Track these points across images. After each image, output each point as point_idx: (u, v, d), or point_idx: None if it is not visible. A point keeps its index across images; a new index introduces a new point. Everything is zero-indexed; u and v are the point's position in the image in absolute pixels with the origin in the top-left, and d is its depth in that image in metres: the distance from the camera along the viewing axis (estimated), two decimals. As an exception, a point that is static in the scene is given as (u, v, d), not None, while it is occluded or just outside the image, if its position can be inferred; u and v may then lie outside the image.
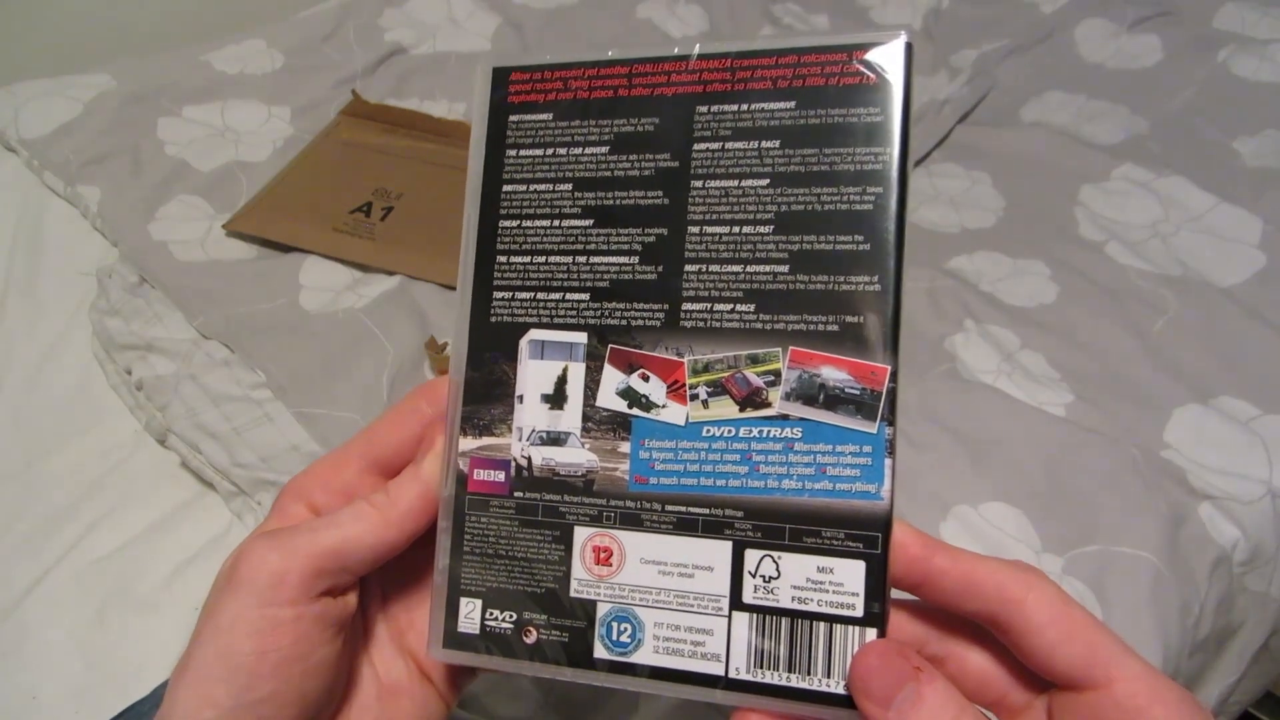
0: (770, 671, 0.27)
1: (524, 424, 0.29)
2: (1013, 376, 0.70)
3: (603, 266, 0.29)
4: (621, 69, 0.29)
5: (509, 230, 0.30)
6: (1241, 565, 0.63)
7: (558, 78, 0.30)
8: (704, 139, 0.29)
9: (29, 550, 0.62)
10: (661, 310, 0.28)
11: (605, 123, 0.29)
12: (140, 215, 0.82)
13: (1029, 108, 0.99)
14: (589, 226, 0.29)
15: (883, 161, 0.27)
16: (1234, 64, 1.00)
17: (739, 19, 1.12)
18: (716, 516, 0.28)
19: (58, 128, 0.90)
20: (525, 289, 0.30)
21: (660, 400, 0.28)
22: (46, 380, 0.73)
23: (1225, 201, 0.84)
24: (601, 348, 0.29)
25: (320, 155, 0.90)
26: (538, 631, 0.29)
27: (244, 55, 1.02)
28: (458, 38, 1.08)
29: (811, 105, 0.28)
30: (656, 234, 0.29)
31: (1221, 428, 0.67)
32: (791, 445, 0.27)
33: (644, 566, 0.28)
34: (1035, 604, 0.25)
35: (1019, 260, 0.81)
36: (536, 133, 0.30)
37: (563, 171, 0.30)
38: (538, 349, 0.29)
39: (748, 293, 0.28)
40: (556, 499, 0.29)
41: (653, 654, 0.28)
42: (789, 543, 0.27)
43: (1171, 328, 0.74)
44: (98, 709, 0.52)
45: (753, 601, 0.27)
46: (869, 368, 0.27)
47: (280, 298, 0.76)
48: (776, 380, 0.27)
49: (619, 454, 0.28)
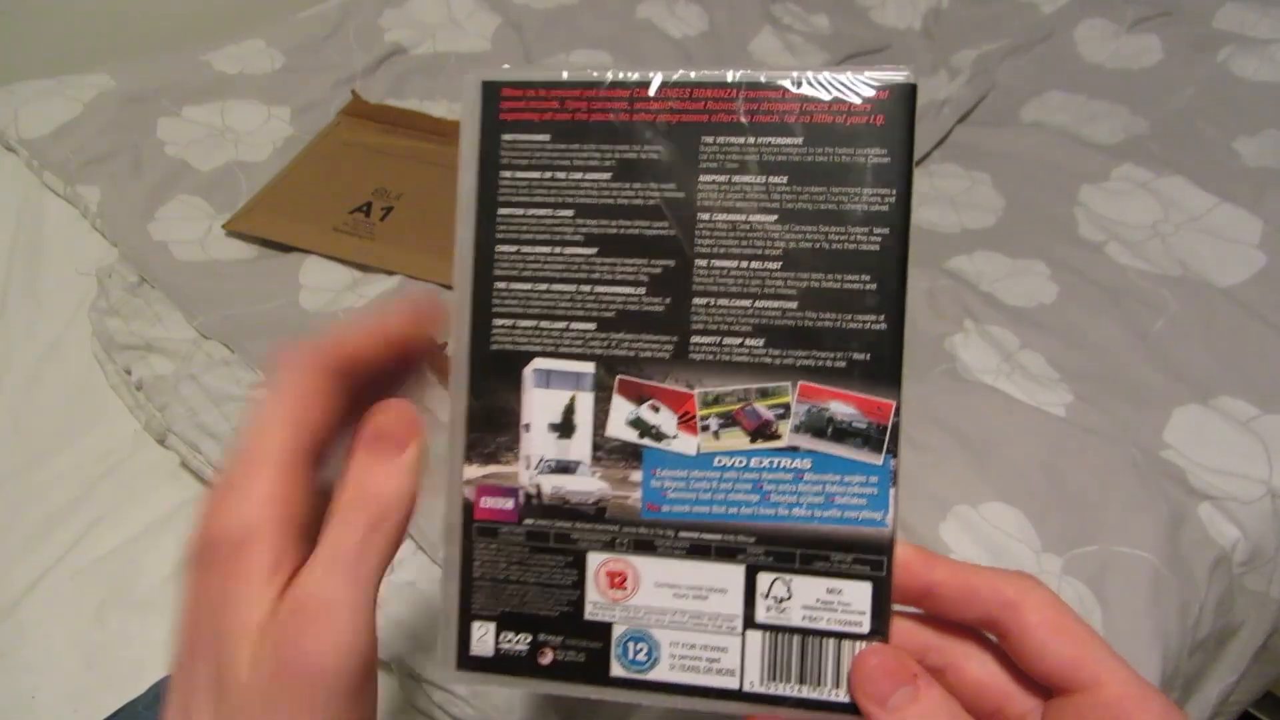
0: (782, 684, 0.28)
1: (532, 452, 0.29)
2: (1012, 376, 0.70)
3: (608, 296, 0.29)
4: (622, 93, 0.29)
5: (507, 255, 0.29)
6: (1241, 565, 0.63)
7: (554, 97, 0.29)
8: (710, 170, 0.28)
9: (28, 550, 0.62)
10: (670, 342, 0.29)
11: (607, 148, 0.29)
12: (140, 215, 0.82)
13: (1029, 108, 0.99)
14: (593, 255, 0.29)
15: (889, 203, 0.28)
16: (1234, 64, 1.00)
17: (739, 19, 1.12)
18: (729, 542, 0.28)
19: (58, 128, 0.90)
20: (527, 317, 0.29)
21: (671, 431, 0.29)
22: (46, 380, 0.73)
23: (1225, 201, 0.84)
24: (609, 378, 0.29)
25: (320, 155, 0.90)
26: (554, 652, 0.29)
27: (244, 55, 1.02)
28: (458, 38, 1.08)
29: (819, 142, 0.28)
30: (663, 265, 0.29)
31: (1221, 428, 0.67)
32: (801, 475, 0.28)
33: (659, 589, 0.29)
34: (1030, 607, 0.27)
35: (1019, 260, 0.81)
36: (533, 154, 0.29)
37: (563, 196, 0.29)
38: (543, 378, 0.29)
39: (757, 327, 0.28)
40: (568, 526, 0.29)
41: (669, 670, 0.29)
42: (800, 566, 0.28)
43: (1171, 328, 0.74)
44: (97, 709, 0.52)
45: (765, 621, 0.28)
46: (875, 403, 0.28)
47: (280, 298, 0.76)
48: (786, 413, 0.28)
49: (630, 482, 0.29)
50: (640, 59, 1.06)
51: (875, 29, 1.13)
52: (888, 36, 1.12)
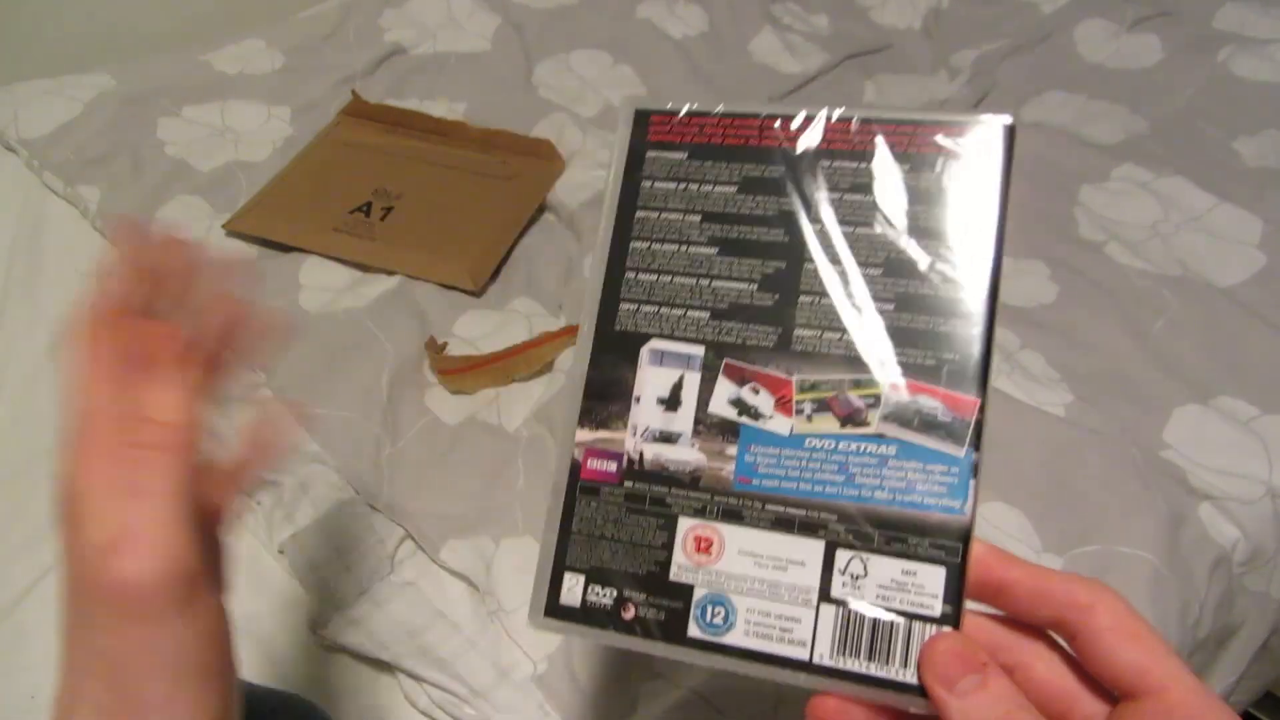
0: (851, 659, 0.29)
1: (639, 422, 0.32)
2: (1012, 376, 0.70)
3: (724, 290, 0.33)
4: (753, 121, 0.33)
5: (639, 250, 0.34)
6: (1241, 565, 0.63)
7: (695, 123, 0.34)
8: (825, 188, 0.32)
9: (28, 550, 0.62)
10: (775, 333, 0.32)
11: (735, 166, 0.33)
12: (140, 215, 0.82)
13: (1029, 108, 0.99)
14: (714, 254, 0.33)
15: (983, 227, 0.31)
16: (1234, 64, 1.00)
17: (739, 19, 1.12)
18: (813, 518, 0.30)
19: (58, 128, 0.90)
20: (650, 303, 0.33)
21: (768, 412, 0.31)
22: (46, 380, 0.73)
23: (1225, 201, 0.84)
24: (717, 361, 0.32)
25: (320, 155, 0.90)
26: (636, 608, 0.31)
27: (244, 55, 1.02)
28: (458, 38, 1.08)
29: (923, 169, 0.32)
30: (775, 267, 0.32)
31: (1221, 428, 0.67)
32: (886, 461, 0.30)
33: (741, 557, 0.31)
34: (1103, 611, 0.27)
35: (1019, 260, 0.81)
36: (671, 168, 0.34)
37: (693, 204, 0.34)
38: (658, 357, 0.33)
39: (855, 325, 0.31)
40: (664, 490, 0.32)
41: (743, 636, 0.30)
42: (878, 546, 0.30)
43: (1171, 328, 0.74)
44: (97, 709, 0.52)
45: (840, 596, 0.30)
46: (960, 399, 0.30)
47: (280, 298, 0.76)
48: (876, 403, 0.31)
49: (726, 456, 0.31)
50: (640, 59, 1.06)
51: (875, 29, 1.13)
52: (888, 36, 1.12)
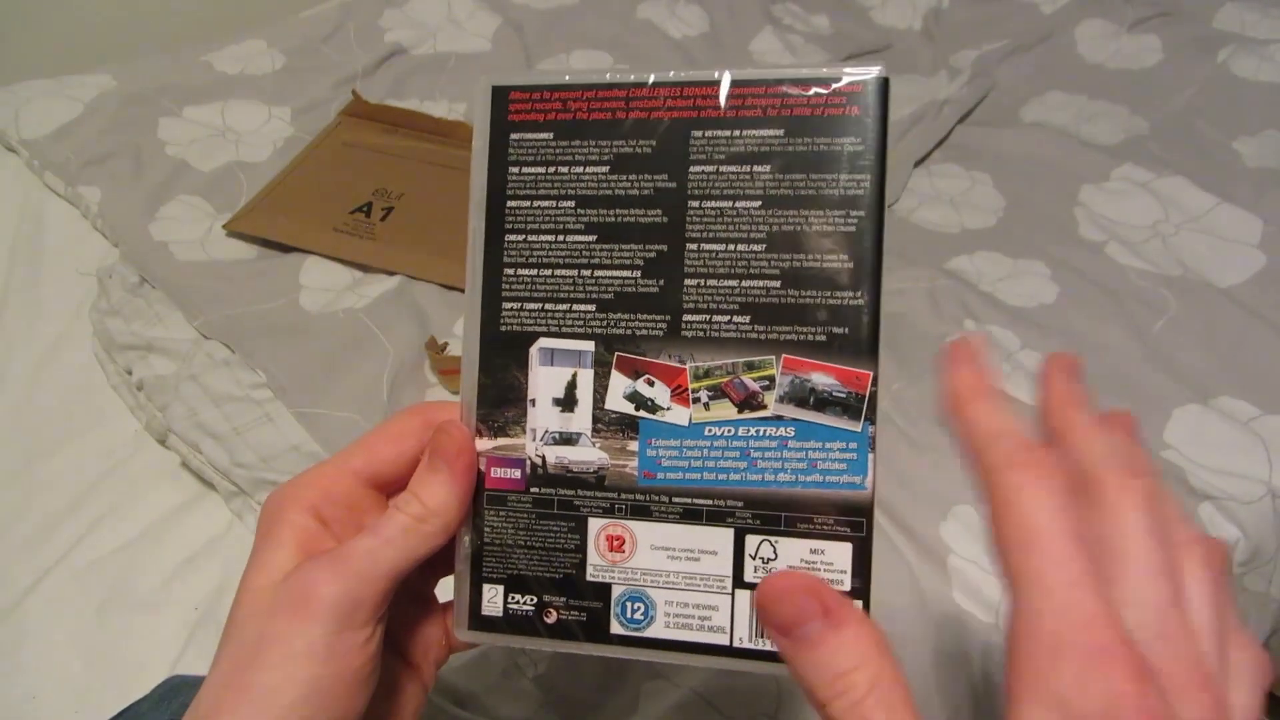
0: (769, 640, 0.30)
1: (537, 425, 0.32)
2: (1013, 377, 0.70)
3: (607, 280, 0.31)
4: (619, 92, 0.31)
5: (515, 244, 0.32)
6: (1241, 565, 0.63)
7: (557, 98, 0.32)
8: (699, 161, 0.31)
9: (29, 550, 0.62)
10: (664, 321, 0.31)
11: (605, 143, 0.31)
12: (141, 215, 0.82)
13: (1029, 108, 0.99)
14: (593, 242, 0.31)
15: (864, 187, 0.30)
16: (1234, 64, 1.00)
17: (739, 19, 1.12)
18: (719, 507, 0.31)
19: (58, 128, 0.90)
20: (533, 300, 0.32)
21: (665, 403, 0.31)
22: (47, 380, 0.73)
23: (1225, 201, 0.84)
24: (608, 355, 0.31)
25: (320, 155, 0.90)
26: (558, 612, 0.31)
27: (244, 55, 1.02)
28: (458, 38, 1.08)
29: (798, 133, 0.30)
30: (657, 250, 0.31)
31: (1221, 428, 0.67)
32: (785, 443, 0.30)
33: (654, 552, 0.31)
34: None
35: (1019, 260, 0.81)
36: (538, 151, 0.32)
37: (565, 189, 0.32)
38: (548, 356, 0.32)
39: (743, 305, 0.30)
40: (570, 493, 0.31)
41: (664, 628, 0.31)
42: (785, 528, 0.30)
43: (1171, 328, 0.74)
44: (98, 709, 0.52)
45: (753, 580, 0.30)
46: (853, 374, 0.30)
47: (280, 298, 0.76)
48: (771, 385, 0.30)
49: (628, 452, 0.31)
50: (641, 59, 1.06)
51: (875, 29, 1.13)
52: (888, 36, 1.12)
